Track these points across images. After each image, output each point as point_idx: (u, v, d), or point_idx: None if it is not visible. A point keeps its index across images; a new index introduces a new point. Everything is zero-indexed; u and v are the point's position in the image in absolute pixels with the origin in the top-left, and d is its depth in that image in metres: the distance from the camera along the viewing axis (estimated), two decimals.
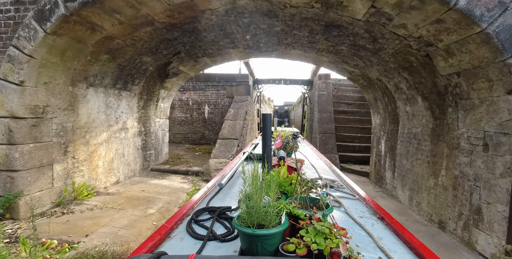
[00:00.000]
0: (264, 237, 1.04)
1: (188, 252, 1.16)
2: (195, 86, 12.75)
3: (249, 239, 1.07)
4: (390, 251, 1.23)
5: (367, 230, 1.44)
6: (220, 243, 1.29)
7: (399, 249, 1.28)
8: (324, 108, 11.13)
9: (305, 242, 1.00)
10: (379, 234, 1.42)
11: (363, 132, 10.64)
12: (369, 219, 1.65)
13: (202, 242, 1.27)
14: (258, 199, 1.14)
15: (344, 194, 2.15)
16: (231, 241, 1.30)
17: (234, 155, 8.44)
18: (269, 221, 1.09)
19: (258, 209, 1.11)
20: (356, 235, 1.39)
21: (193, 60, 7.57)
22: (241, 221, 1.11)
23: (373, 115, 8.31)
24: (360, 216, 1.68)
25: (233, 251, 1.21)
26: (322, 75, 12.09)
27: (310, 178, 1.77)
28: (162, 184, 6.76)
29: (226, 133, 9.60)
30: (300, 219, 1.15)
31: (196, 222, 1.49)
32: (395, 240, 1.37)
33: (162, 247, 1.26)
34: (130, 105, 6.86)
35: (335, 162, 9.34)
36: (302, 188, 1.40)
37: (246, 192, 1.21)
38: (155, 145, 8.30)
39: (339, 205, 1.84)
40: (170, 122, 12.55)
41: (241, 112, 10.95)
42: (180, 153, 10.48)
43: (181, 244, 1.29)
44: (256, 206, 1.11)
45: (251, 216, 1.10)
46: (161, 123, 8.68)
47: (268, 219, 1.10)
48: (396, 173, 6.60)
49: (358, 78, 7.74)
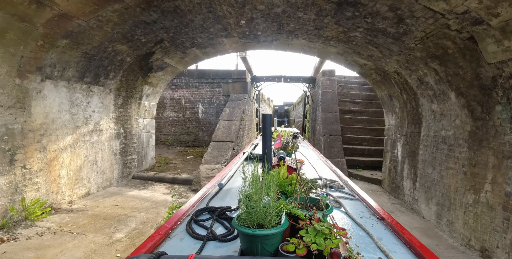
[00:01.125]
0: (264, 237, 1.03)
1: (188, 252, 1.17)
2: (188, 84, 11.72)
3: (249, 239, 1.07)
4: (390, 251, 1.22)
5: (367, 230, 1.43)
6: (220, 243, 1.28)
7: (399, 250, 1.26)
8: (329, 108, 10.12)
9: (305, 242, 1.00)
10: (379, 235, 1.41)
11: (372, 134, 9.63)
12: (369, 219, 1.64)
13: (202, 242, 1.26)
14: (258, 199, 1.14)
15: (344, 194, 2.13)
16: (231, 241, 1.29)
17: (228, 160, 7.42)
18: (269, 221, 1.09)
19: (258, 209, 1.10)
20: (356, 235, 1.38)
21: (180, 52, 6.55)
22: (241, 221, 1.11)
23: (387, 115, 7.30)
24: (360, 216, 1.67)
25: (233, 251, 1.20)
26: (326, 72, 11.08)
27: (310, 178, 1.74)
28: (141, 195, 5.73)
29: (220, 135, 8.58)
30: (300, 219, 1.14)
31: (196, 222, 1.48)
32: (395, 241, 1.36)
33: (162, 247, 1.24)
34: (105, 103, 5.84)
35: (342, 167, 8.33)
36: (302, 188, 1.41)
37: (246, 192, 1.21)
38: (138, 148, 7.27)
39: (339, 205, 1.83)
40: (161, 123, 11.54)
41: (237, 112, 9.94)
42: (170, 157, 9.45)
43: (181, 244, 1.28)
44: (256, 206, 1.11)
45: (251, 216, 1.11)
46: (146, 124, 7.66)
47: (268, 219, 1.10)
48: (418, 183, 5.59)
49: (370, 73, 6.73)
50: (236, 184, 2.33)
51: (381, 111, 10.50)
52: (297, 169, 1.53)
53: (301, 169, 1.72)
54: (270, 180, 1.25)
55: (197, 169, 7.00)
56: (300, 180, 1.44)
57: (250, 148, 4.37)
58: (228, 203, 1.80)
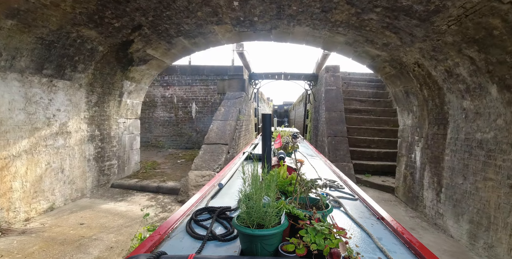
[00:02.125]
0: (264, 237, 1.03)
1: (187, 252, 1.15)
2: (181, 81, 10.85)
3: (248, 239, 1.07)
4: (390, 251, 1.21)
5: (367, 231, 1.42)
6: (220, 243, 1.27)
7: (398, 250, 1.26)
8: (333, 106, 9.25)
9: (304, 242, 1.00)
10: (379, 235, 1.40)
11: (381, 135, 8.77)
12: (369, 219, 1.63)
13: (202, 242, 1.26)
14: (258, 199, 1.14)
15: (344, 194, 2.11)
16: (230, 241, 1.29)
17: (222, 166, 6.56)
18: (268, 221, 1.09)
19: (258, 209, 1.10)
20: (356, 235, 1.38)
21: (165, 41, 5.68)
22: (240, 221, 1.11)
23: (401, 115, 6.44)
24: (359, 216, 1.65)
25: (233, 251, 1.20)
26: (329, 68, 10.22)
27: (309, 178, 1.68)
28: (116, 209, 4.86)
29: (214, 137, 7.71)
30: (300, 219, 1.14)
31: (196, 222, 1.48)
32: (394, 241, 1.35)
33: (162, 247, 1.23)
34: (74, 100, 4.97)
35: (349, 173, 7.47)
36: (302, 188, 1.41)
37: (246, 192, 1.21)
38: (118, 153, 6.40)
39: (339, 205, 1.82)
40: (152, 123, 10.69)
41: (233, 111, 9.07)
42: (158, 161, 8.58)
43: (180, 244, 1.27)
44: (256, 206, 1.11)
45: (250, 216, 1.10)
46: (128, 124, 6.79)
47: (267, 219, 1.09)
48: (443, 194, 4.73)
49: (383, 66, 5.86)
50: (236, 184, 2.32)
51: (390, 111, 9.65)
52: (297, 169, 1.54)
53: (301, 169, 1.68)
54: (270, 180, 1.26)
55: (186, 176, 6.13)
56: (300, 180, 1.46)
57: (250, 148, 4.35)
58: (228, 203, 1.80)
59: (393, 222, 1.55)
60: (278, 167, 2.04)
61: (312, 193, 1.49)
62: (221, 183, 2.14)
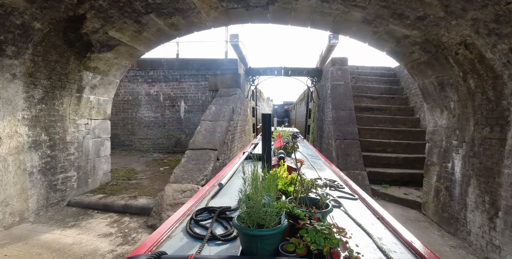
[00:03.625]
0: (264, 237, 1.04)
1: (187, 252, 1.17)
2: (167, 76, 9.60)
3: (248, 239, 1.07)
4: (390, 251, 1.22)
5: (367, 230, 1.43)
6: (220, 243, 1.27)
7: (398, 249, 1.25)
8: (341, 104, 8.00)
9: (304, 242, 1.01)
10: (379, 234, 1.40)
11: (397, 137, 7.51)
12: (369, 219, 1.63)
13: (202, 242, 1.26)
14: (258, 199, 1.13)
15: (344, 194, 2.10)
16: (230, 241, 1.29)
17: (208, 177, 5.32)
18: (268, 221, 1.09)
19: (258, 209, 1.10)
20: (356, 235, 1.35)
21: (131, 20, 4.43)
22: (240, 221, 1.11)
23: (431, 113, 5.18)
24: (359, 216, 1.65)
25: (233, 251, 1.20)
26: (336, 60, 8.96)
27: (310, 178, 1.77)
28: (60, 241, 3.61)
29: (201, 140, 6.46)
30: (300, 219, 1.14)
31: (196, 222, 1.48)
32: (395, 240, 1.35)
33: (162, 247, 1.23)
34: (5, 95, 3.72)
35: (363, 183, 6.23)
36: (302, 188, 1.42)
37: (246, 192, 1.21)
38: (78, 162, 5.16)
39: (339, 205, 1.82)
40: (135, 124, 9.47)
41: (226, 110, 7.83)
42: (137, 169, 7.33)
43: (180, 244, 1.28)
44: (256, 206, 1.11)
45: (250, 216, 1.11)
46: (93, 126, 5.54)
47: (267, 219, 1.09)
48: (500, 220, 3.47)
49: (411, 50, 4.61)
50: (236, 184, 2.31)
51: (407, 109, 8.39)
52: (297, 168, 1.54)
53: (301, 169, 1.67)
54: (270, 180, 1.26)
55: (163, 191, 4.88)
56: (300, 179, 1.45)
57: (250, 147, 4.39)
58: (228, 203, 1.78)
59: (393, 221, 1.54)
60: (278, 166, 2.05)
61: (312, 192, 1.49)
62: (221, 183, 2.18)
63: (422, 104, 7.73)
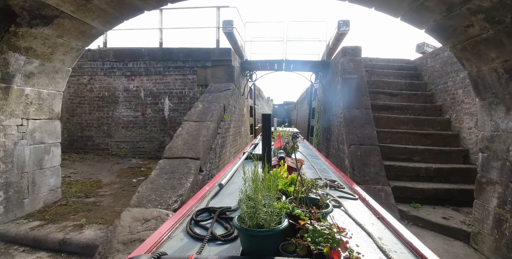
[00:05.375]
0: (264, 237, 1.04)
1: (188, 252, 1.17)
2: (149, 69, 8.22)
3: (249, 239, 1.08)
4: (390, 251, 1.22)
5: (367, 230, 1.43)
6: (220, 243, 1.28)
7: (399, 249, 1.25)
8: (355, 102, 6.62)
9: (305, 242, 1.01)
10: (379, 234, 1.40)
11: (425, 142, 6.13)
12: (369, 219, 1.63)
13: (202, 242, 1.26)
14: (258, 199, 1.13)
15: (344, 194, 2.10)
16: (231, 241, 1.29)
17: (185, 197, 3.95)
18: (269, 221, 1.09)
19: (258, 209, 1.10)
20: (356, 235, 1.38)
21: None
22: (241, 221, 1.11)
23: (488, 111, 3.78)
24: (360, 216, 1.66)
25: (233, 251, 1.20)
26: (347, 50, 7.58)
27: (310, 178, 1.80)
28: None
29: (180, 146, 5.08)
30: (300, 219, 1.14)
31: (196, 222, 1.49)
32: (395, 240, 1.35)
33: (162, 247, 1.24)
34: None
35: (387, 202, 4.85)
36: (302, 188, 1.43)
37: (246, 192, 1.21)
38: (5, 178, 3.77)
39: (339, 205, 1.83)
40: (112, 125, 8.11)
41: (215, 108, 6.44)
42: (104, 180, 5.94)
43: (181, 244, 1.28)
44: (256, 206, 1.11)
45: (251, 216, 1.10)
46: (32, 129, 4.16)
47: (268, 219, 1.09)
48: None
49: (468, 22, 3.22)
50: (236, 184, 2.33)
51: (433, 108, 6.97)
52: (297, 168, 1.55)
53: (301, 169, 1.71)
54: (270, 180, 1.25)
55: (118, 219, 3.50)
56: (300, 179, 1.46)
57: (250, 148, 4.41)
58: (228, 203, 1.80)
59: (393, 221, 1.54)
60: (278, 166, 2.04)
61: (313, 192, 1.49)
62: (221, 183, 2.20)
63: (454, 102, 6.35)
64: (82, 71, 8.37)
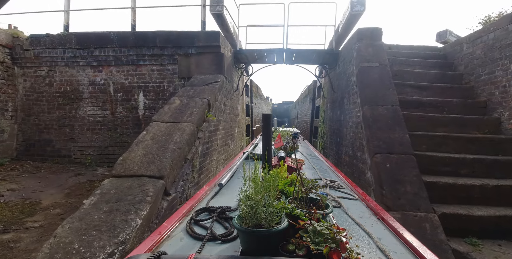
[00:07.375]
0: (264, 237, 1.04)
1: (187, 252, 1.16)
2: (119, 58, 6.70)
3: (248, 239, 1.08)
4: (390, 251, 1.20)
5: (367, 231, 1.42)
6: (220, 243, 1.27)
7: (399, 250, 1.24)
8: (378, 97, 5.13)
9: (304, 242, 1.01)
10: (379, 235, 1.39)
11: (472, 149, 4.65)
12: (369, 219, 1.62)
13: (202, 242, 1.26)
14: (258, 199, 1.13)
15: (344, 194, 2.10)
16: (231, 241, 1.29)
17: (130, 245, 2.44)
18: (269, 221, 1.09)
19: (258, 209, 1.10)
20: (356, 235, 1.37)
21: None
22: (241, 221, 1.11)
23: None
24: (360, 216, 1.64)
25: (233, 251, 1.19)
26: (364, 32, 6.08)
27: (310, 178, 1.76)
28: None
29: (138, 158, 3.59)
30: (300, 219, 1.14)
31: (196, 222, 1.48)
32: (395, 241, 1.34)
33: (162, 247, 1.23)
34: None
35: (435, 237, 3.36)
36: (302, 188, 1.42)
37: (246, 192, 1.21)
38: None
39: (339, 205, 1.81)
40: (74, 127, 6.64)
41: (195, 105, 4.94)
42: (46, 201, 4.43)
43: (180, 244, 1.27)
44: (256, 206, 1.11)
45: (251, 216, 1.10)
46: None
47: (268, 219, 1.09)
48: None
49: None
50: (236, 184, 2.32)
51: (476, 104, 5.23)
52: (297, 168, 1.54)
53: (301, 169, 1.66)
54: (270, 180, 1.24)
55: None
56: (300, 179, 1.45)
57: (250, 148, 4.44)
58: (228, 203, 1.79)
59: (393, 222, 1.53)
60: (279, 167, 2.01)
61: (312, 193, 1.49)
62: (221, 183, 2.19)
63: (506, 97, 4.86)
64: (39, 61, 6.86)
